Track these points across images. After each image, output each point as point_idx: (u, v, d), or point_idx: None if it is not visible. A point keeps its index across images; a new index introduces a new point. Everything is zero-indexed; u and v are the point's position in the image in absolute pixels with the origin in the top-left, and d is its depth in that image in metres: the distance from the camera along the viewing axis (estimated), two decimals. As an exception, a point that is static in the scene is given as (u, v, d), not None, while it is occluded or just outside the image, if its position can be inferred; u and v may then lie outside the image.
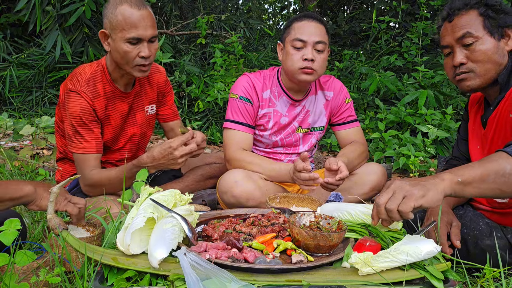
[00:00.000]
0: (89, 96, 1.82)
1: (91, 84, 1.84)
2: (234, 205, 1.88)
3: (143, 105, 2.07)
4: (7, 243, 1.20)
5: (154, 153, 1.77)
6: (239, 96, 2.06)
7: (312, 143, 2.23)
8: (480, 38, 1.43)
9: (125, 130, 2.03)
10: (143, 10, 1.75)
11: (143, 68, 1.82)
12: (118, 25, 1.73)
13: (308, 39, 1.93)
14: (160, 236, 1.23)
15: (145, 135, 2.14)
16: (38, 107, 4.30)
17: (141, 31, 1.73)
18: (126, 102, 1.98)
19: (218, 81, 4.20)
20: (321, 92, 2.19)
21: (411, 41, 4.79)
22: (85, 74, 1.85)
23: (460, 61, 1.47)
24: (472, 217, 1.51)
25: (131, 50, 1.75)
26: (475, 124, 1.64)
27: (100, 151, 1.89)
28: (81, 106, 1.81)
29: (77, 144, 1.85)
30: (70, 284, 1.21)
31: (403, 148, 3.15)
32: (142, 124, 2.09)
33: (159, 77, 2.13)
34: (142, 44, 1.77)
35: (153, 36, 1.80)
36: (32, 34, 4.66)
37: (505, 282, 1.25)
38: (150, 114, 2.13)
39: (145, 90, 2.07)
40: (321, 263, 1.24)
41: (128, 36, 1.72)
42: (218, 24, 5.54)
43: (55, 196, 1.32)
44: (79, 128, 1.83)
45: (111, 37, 1.77)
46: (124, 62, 1.79)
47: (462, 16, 1.46)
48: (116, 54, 1.79)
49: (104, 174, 1.85)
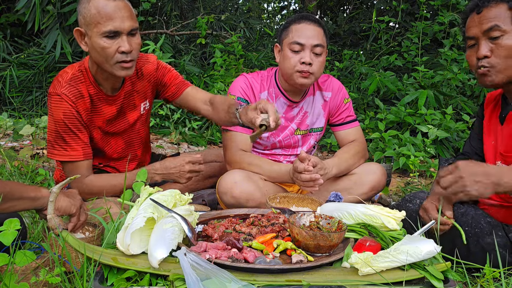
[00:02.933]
0: (71, 98, 1.69)
1: (73, 85, 1.71)
2: (234, 205, 1.88)
3: (134, 104, 1.94)
4: (6, 243, 1.20)
5: (167, 163, 1.82)
6: (236, 97, 2.05)
7: (310, 144, 2.22)
8: (508, 32, 1.42)
9: (115, 134, 1.91)
10: (119, 1, 1.63)
11: (126, 65, 1.66)
12: (92, 19, 1.60)
13: (306, 42, 1.92)
14: (160, 236, 1.23)
15: (139, 132, 2.03)
16: (38, 107, 4.30)
17: (117, 22, 1.60)
18: (114, 105, 1.85)
19: (218, 81, 4.20)
20: (319, 92, 2.18)
21: (411, 41, 4.79)
22: (66, 75, 1.73)
23: (484, 54, 1.46)
24: (473, 215, 1.51)
25: (109, 46, 1.61)
26: (491, 121, 1.65)
27: (88, 157, 1.79)
28: (63, 111, 1.69)
29: (61, 152, 1.74)
30: (70, 284, 1.21)
31: (403, 148, 3.15)
32: (135, 123, 1.98)
33: (150, 67, 1.95)
34: (121, 38, 1.63)
35: (133, 29, 1.65)
36: (32, 34, 4.66)
37: (505, 282, 1.25)
38: (144, 112, 2.00)
39: (137, 88, 1.93)
40: (321, 263, 1.24)
41: (104, 29, 1.59)
42: (218, 24, 5.54)
43: (55, 196, 1.32)
44: (64, 134, 1.72)
45: (87, 34, 1.64)
46: (104, 60, 1.65)
47: (491, 9, 1.44)
48: (94, 53, 1.66)
49: (102, 183, 1.80)
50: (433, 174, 3.06)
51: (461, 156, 1.78)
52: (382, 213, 1.47)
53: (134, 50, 1.67)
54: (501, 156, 1.55)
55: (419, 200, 1.71)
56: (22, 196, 1.33)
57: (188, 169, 1.81)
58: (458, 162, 1.30)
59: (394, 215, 1.46)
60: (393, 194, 2.71)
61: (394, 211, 1.48)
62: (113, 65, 1.66)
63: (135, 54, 1.68)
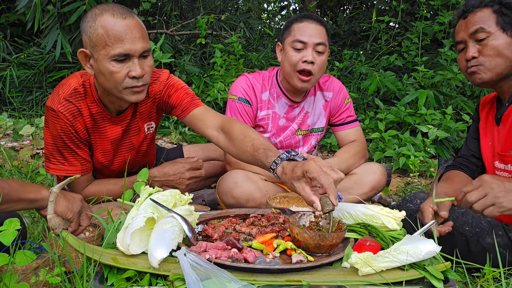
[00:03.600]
0: (67, 116, 1.56)
1: (72, 102, 1.58)
2: (234, 206, 1.88)
3: (139, 126, 1.80)
4: (6, 243, 1.20)
5: (165, 169, 1.80)
6: (237, 98, 2.05)
7: (311, 144, 2.22)
8: (493, 33, 1.49)
9: (119, 154, 1.81)
10: (129, 19, 1.45)
11: (137, 89, 1.51)
12: (99, 40, 1.42)
13: (309, 40, 1.92)
14: (160, 236, 1.23)
15: (145, 153, 1.94)
16: (38, 107, 4.30)
17: (128, 44, 1.43)
18: (119, 126, 1.72)
19: (218, 81, 4.20)
20: (320, 93, 2.18)
21: (411, 41, 4.79)
22: (67, 88, 1.59)
23: (472, 55, 1.53)
24: (474, 215, 1.51)
25: (119, 70, 1.45)
26: (487, 123, 1.68)
27: (87, 172, 1.70)
28: (61, 127, 1.58)
29: (58, 166, 1.64)
30: (70, 284, 1.21)
31: (403, 148, 3.15)
32: (140, 145, 1.86)
33: (156, 87, 1.77)
34: (132, 61, 1.46)
35: (145, 51, 1.49)
36: (32, 34, 4.66)
37: (505, 282, 1.25)
38: (149, 134, 1.87)
39: (141, 109, 1.78)
40: (321, 263, 1.24)
41: (113, 52, 1.42)
42: (218, 24, 5.54)
43: (55, 196, 1.32)
44: (62, 149, 1.62)
45: (93, 56, 1.47)
46: (112, 86, 1.49)
47: (476, 13, 1.53)
48: (101, 78, 1.49)
49: (102, 189, 1.76)
50: (433, 174, 3.06)
51: (459, 158, 1.79)
52: (382, 213, 1.47)
53: (146, 74, 1.51)
54: (499, 156, 1.57)
55: (419, 200, 1.71)
56: (20, 198, 1.33)
57: (188, 176, 1.80)
58: (482, 176, 1.28)
59: (394, 215, 1.46)
60: (393, 194, 2.71)
61: (394, 211, 1.48)
62: (123, 90, 1.50)
63: (147, 78, 1.53)
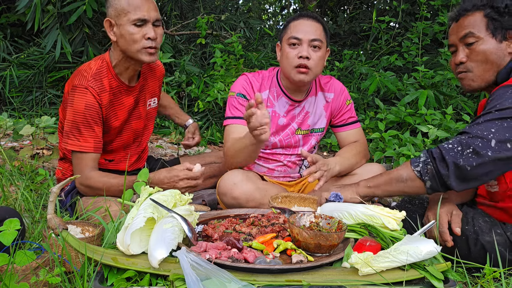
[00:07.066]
0: (96, 91, 1.85)
1: (98, 79, 1.87)
2: (233, 206, 1.88)
3: (145, 99, 2.12)
4: (6, 243, 1.20)
5: (161, 177, 1.80)
6: (236, 93, 2.07)
7: (311, 144, 2.22)
8: (482, 38, 1.49)
9: (129, 123, 2.07)
10: None
11: (151, 51, 1.85)
12: (123, 9, 1.80)
13: (304, 36, 1.94)
14: (160, 236, 1.23)
15: (146, 128, 2.20)
16: (38, 107, 4.29)
17: (145, 11, 1.80)
18: (132, 96, 2.02)
19: (218, 81, 4.20)
20: (321, 93, 2.18)
21: (411, 41, 4.78)
22: (90, 69, 1.89)
23: (460, 60, 1.54)
24: (473, 214, 1.52)
25: (137, 32, 1.81)
26: None
27: (98, 151, 1.89)
28: (86, 103, 1.83)
29: (74, 141, 1.85)
30: (70, 284, 1.21)
31: (403, 148, 3.15)
32: (144, 117, 2.14)
33: (161, 70, 2.22)
34: (147, 26, 1.82)
35: (157, 20, 1.86)
36: (32, 34, 4.66)
37: (505, 282, 1.25)
38: (152, 108, 2.19)
39: (148, 84, 2.12)
40: (321, 263, 1.24)
41: (134, 17, 1.79)
42: (218, 24, 5.54)
43: (55, 196, 1.32)
44: (81, 125, 1.84)
45: (116, 24, 1.83)
46: (131, 47, 1.83)
47: (467, 17, 1.53)
48: (122, 41, 1.84)
49: (103, 180, 1.84)
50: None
51: None
52: (382, 213, 1.47)
53: (158, 38, 1.86)
54: None
55: (418, 201, 1.72)
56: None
57: (181, 186, 1.77)
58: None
59: (394, 215, 1.46)
60: (393, 194, 2.71)
61: (394, 211, 1.48)
62: (139, 50, 1.84)
63: (159, 42, 1.88)
